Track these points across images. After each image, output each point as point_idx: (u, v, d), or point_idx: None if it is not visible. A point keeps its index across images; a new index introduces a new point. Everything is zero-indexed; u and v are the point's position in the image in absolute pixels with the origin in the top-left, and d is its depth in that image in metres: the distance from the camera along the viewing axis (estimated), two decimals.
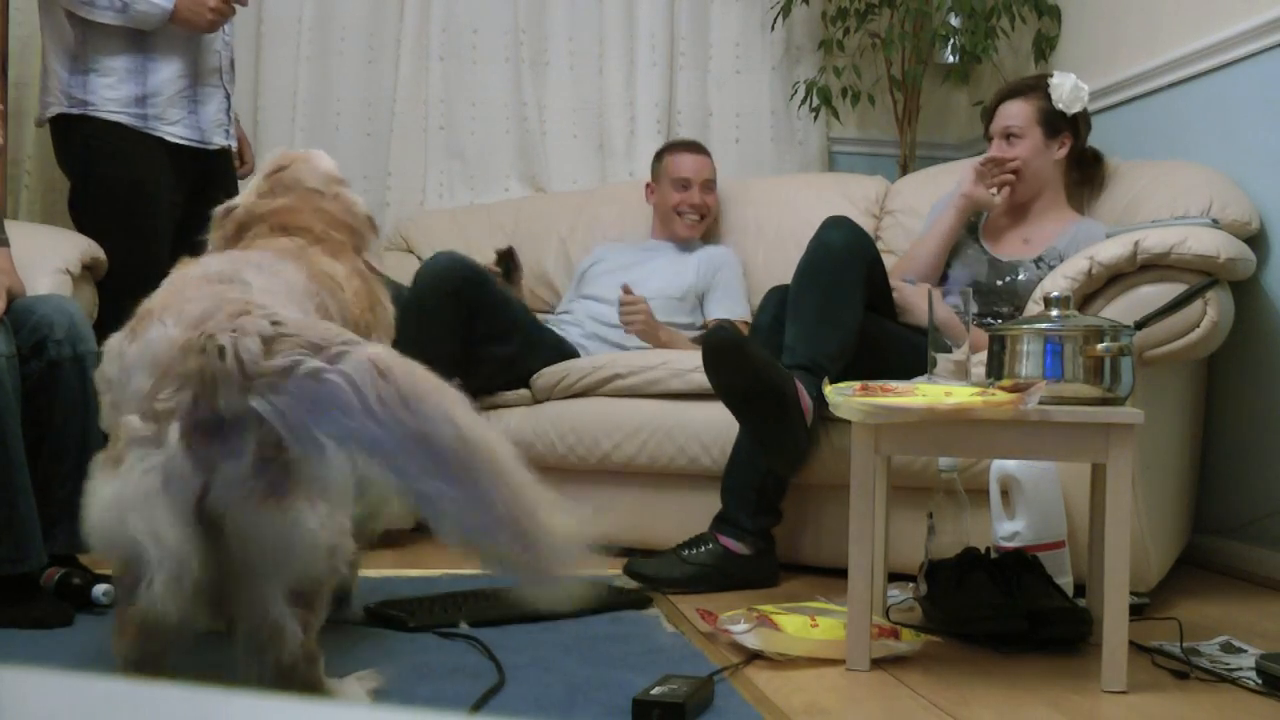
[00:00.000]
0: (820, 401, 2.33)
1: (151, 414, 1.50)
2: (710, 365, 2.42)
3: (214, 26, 3.06)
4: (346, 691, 1.69)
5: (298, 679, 1.59)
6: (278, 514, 1.49)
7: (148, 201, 3.06)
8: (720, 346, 2.39)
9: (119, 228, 3.03)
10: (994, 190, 2.92)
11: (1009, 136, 2.92)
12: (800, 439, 2.46)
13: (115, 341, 1.64)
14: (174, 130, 3.10)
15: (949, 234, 2.97)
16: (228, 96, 3.21)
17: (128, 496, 1.47)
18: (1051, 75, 2.94)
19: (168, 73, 3.07)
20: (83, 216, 3.11)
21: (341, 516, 1.58)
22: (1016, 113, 2.92)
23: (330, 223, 1.99)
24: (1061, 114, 2.89)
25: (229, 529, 1.49)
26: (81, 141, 3.07)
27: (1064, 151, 2.92)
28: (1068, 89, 2.88)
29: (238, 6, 3.09)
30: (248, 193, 2.05)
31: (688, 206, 3.57)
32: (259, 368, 1.45)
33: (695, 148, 3.67)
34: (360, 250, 2.03)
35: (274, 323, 1.49)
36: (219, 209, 2.06)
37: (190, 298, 1.60)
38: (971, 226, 3.03)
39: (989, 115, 3.01)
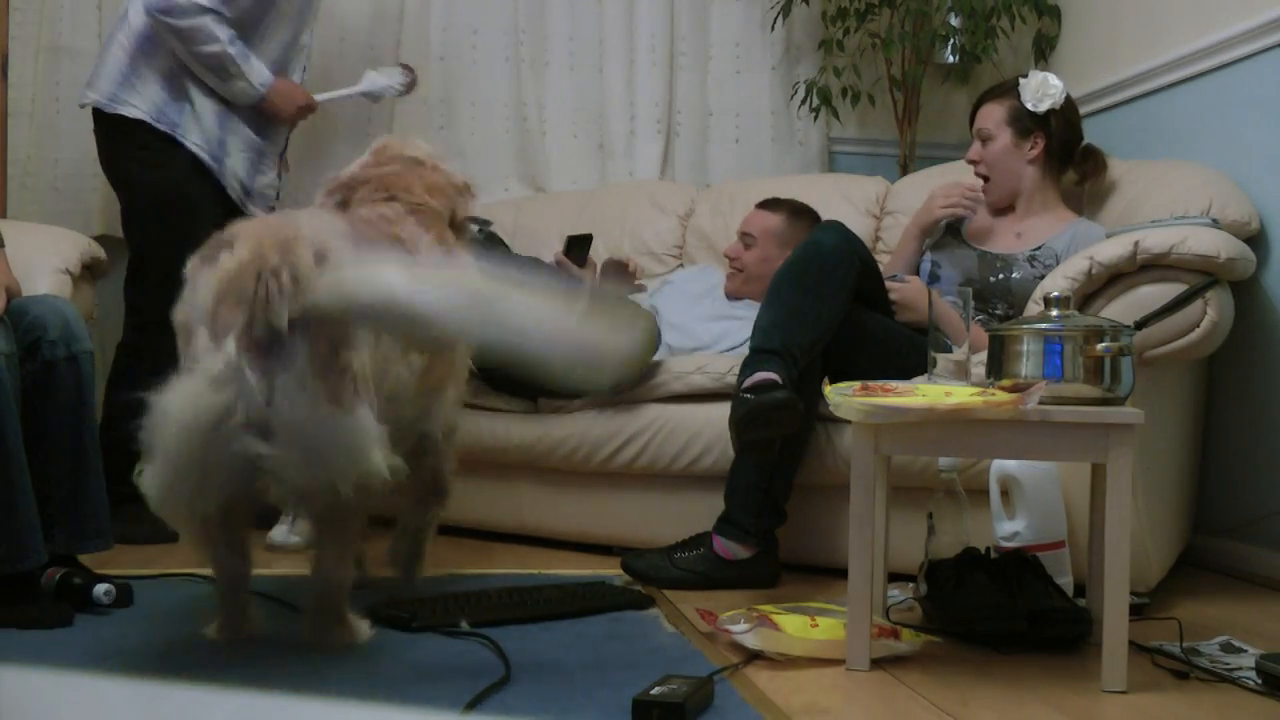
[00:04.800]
0: (794, 388, 2.37)
1: (214, 330, 1.74)
2: (744, 426, 2.37)
3: (294, 120, 3.34)
4: (359, 626, 2.00)
5: (330, 600, 1.94)
6: (340, 414, 1.75)
7: (194, 222, 3.11)
8: (759, 413, 2.35)
9: (162, 239, 3.10)
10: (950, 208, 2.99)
11: (984, 140, 2.94)
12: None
13: (191, 264, 1.88)
14: (235, 185, 3.25)
15: (911, 256, 3.04)
16: (280, 175, 3.40)
17: (185, 402, 1.72)
18: (1024, 75, 2.95)
19: (247, 132, 3.26)
20: (134, 223, 3.25)
21: (378, 425, 1.83)
22: (988, 115, 2.94)
23: (430, 187, 2.26)
24: (1033, 114, 2.89)
25: (295, 435, 1.74)
26: (154, 154, 3.17)
27: (1036, 151, 2.90)
28: (1033, 87, 2.88)
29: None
30: (356, 164, 2.31)
31: (726, 255, 3.41)
32: (311, 282, 1.73)
33: (762, 203, 3.42)
34: (456, 217, 2.32)
35: (315, 245, 1.77)
36: (328, 176, 2.33)
37: (256, 228, 1.86)
38: (955, 230, 3.03)
39: (970, 118, 3.03)
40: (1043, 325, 2.00)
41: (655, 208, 3.85)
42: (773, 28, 4.15)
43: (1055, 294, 2.04)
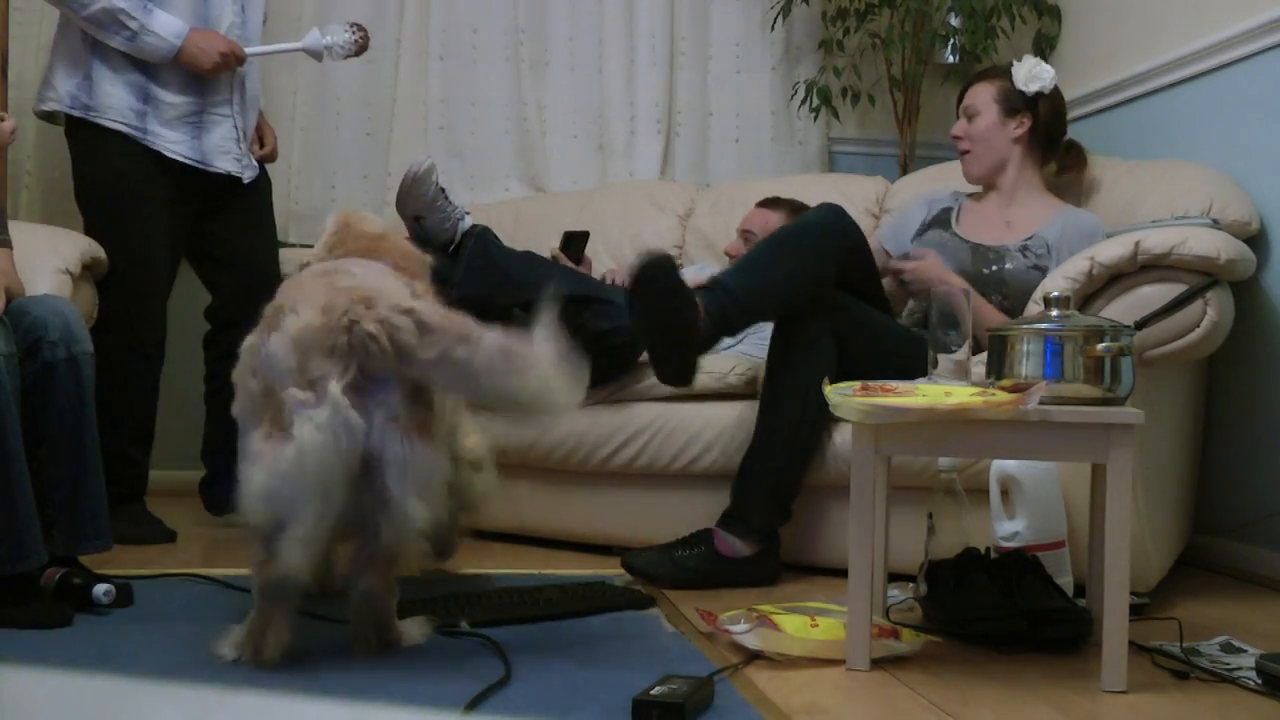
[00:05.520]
0: (715, 319, 2.47)
1: (306, 384, 1.81)
2: (637, 288, 2.41)
3: (216, 71, 3.15)
4: (408, 630, 2.00)
5: (379, 608, 1.95)
6: (423, 443, 1.85)
7: (136, 203, 3.11)
8: (652, 273, 2.41)
9: (108, 228, 3.13)
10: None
11: (970, 117, 2.99)
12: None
13: (251, 340, 1.92)
14: (175, 148, 3.17)
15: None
16: (236, 127, 3.27)
17: (309, 452, 1.78)
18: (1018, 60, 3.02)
19: (171, 94, 3.15)
20: (82, 214, 3.22)
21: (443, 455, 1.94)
22: (977, 92, 3.01)
23: (403, 255, 2.29)
24: (1022, 95, 2.95)
25: (386, 464, 1.83)
26: (82, 143, 3.16)
27: (1021, 131, 2.96)
28: (1026, 68, 2.96)
29: (238, 63, 3.20)
30: (319, 249, 2.31)
31: (727, 253, 3.45)
32: (414, 354, 1.82)
33: (762, 201, 3.45)
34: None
35: (406, 310, 1.84)
36: (296, 265, 2.36)
37: (308, 290, 1.92)
38: (944, 221, 3.03)
39: (959, 98, 3.08)
40: (1043, 325, 2.00)
41: (655, 208, 3.85)
42: (773, 28, 4.15)
43: (1055, 294, 2.04)
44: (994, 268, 2.85)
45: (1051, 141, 3.01)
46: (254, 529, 1.87)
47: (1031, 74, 2.94)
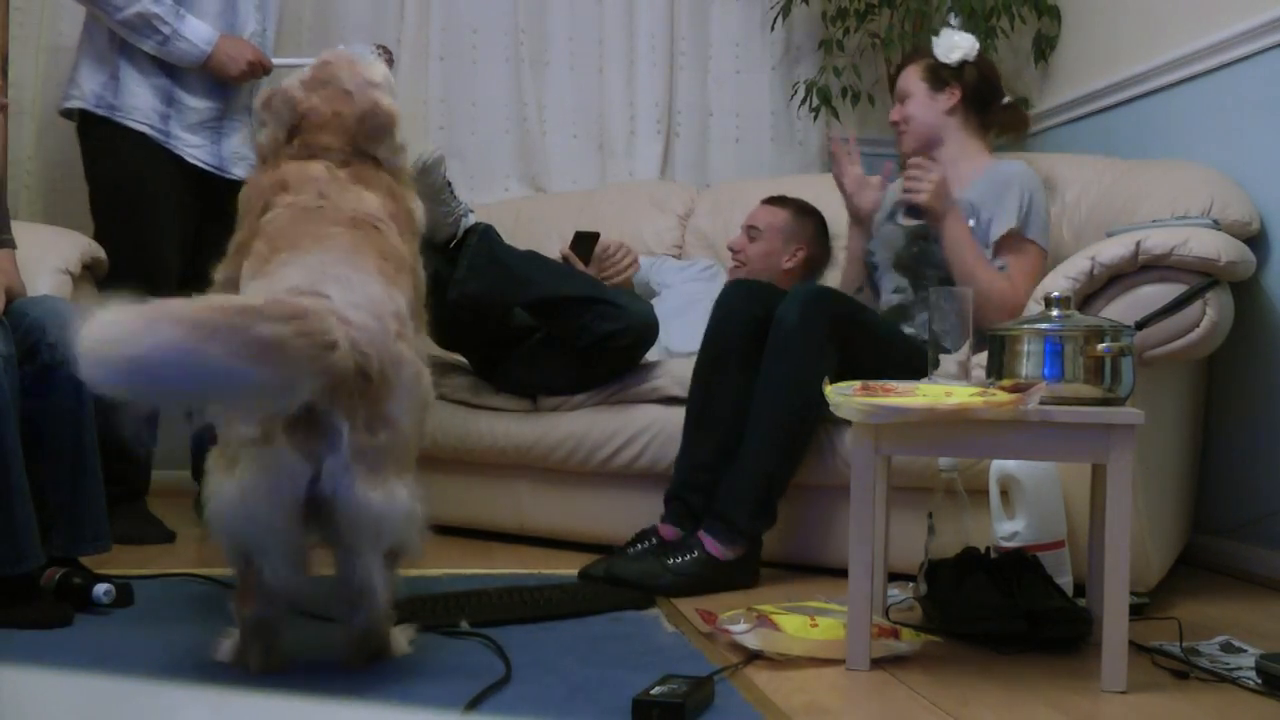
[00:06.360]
0: (739, 536, 2.55)
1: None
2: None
3: (243, 78, 3.19)
4: (397, 642, 1.94)
5: (376, 638, 1.88)
6: (377, 492, 1.75)
7: (152, 202, 3.12)
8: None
9: (124, 226, 3.15)
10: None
11: (903, 100, 3.02)
12: (736, 582, 2.57)
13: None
14: (195, 153, 3.20)
15: (855, 254, 3.10)
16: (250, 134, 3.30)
17: (248, 492, 1.71)
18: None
19: (195, 99, 3.18)
20: (95, 213, 3.25)
21: (419, 489, 1.84)
22: (906, 76, 3.04)
23: (349, 131, 2.11)
24: (946, 66, 2.97)
25: (337, 509, 1.74)
26: (100, 142, 3.18)
27: (952, 101, 2.97)
28: (944, 39, 2.99)
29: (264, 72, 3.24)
30: (296, 78, 2.18)
31: (730, 247, 3.43)
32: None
33: (768, 199, 3.44)
34: (381, 160, 2.14)
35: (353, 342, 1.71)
36: (272, 90, 2.20)
37: (292, 270, 1.82)
38: (893, 213, 3.04)
39: (891, 86, 3.12)
40: (1043, 325, 2.00)
41: (655, 208, 3.85)
42: (773, 28, 4.15)
43: (1056, 294, 2.04)
44: (918, 247, 2.86)
45: (986, 106, 3.02)
46: (228, 556, 1.83)
47: (951, 44, 2.97)
